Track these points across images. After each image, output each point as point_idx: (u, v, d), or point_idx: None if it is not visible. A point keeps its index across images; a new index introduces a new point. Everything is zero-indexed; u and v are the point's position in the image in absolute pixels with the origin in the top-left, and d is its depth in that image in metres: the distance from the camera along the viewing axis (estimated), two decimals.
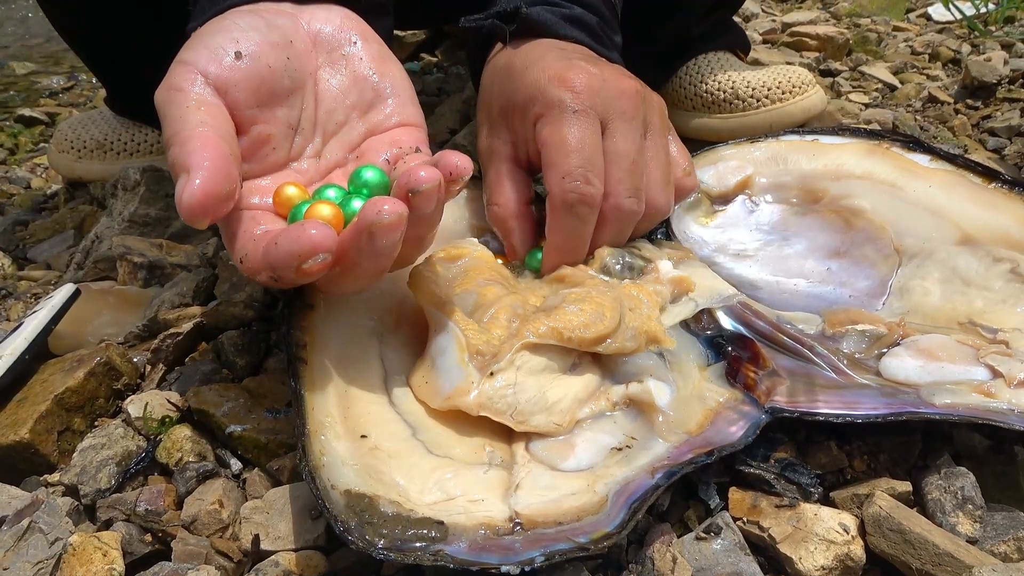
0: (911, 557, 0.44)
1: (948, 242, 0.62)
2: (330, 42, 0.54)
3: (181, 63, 0.48)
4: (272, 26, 0.51)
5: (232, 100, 0.48)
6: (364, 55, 0.54)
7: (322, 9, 0.54)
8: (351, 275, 0.45)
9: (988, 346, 0.54)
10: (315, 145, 0.53)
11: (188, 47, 0.49)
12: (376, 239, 0.41)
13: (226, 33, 0.49)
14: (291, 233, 0.41)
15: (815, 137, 0.71)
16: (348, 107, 0.54)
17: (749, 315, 0.57)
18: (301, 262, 0.41)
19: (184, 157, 0.43)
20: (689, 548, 0.45)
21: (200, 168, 0.42)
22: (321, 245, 0.41)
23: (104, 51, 0.99)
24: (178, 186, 0.42)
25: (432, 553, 0.39)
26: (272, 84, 0.50)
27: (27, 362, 0.59)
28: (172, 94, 0.46)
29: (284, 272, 0.42)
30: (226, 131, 0.46)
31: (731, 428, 0.49)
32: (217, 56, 0.48)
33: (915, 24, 1.65)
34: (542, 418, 0.49)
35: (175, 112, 0.45)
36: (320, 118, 0.53)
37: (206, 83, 0.47)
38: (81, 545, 0.45)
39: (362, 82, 0.54)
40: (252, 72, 0.49)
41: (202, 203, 0.42)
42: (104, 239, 0.82)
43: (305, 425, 0.45)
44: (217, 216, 0.44)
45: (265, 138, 0.50)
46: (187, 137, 0.44)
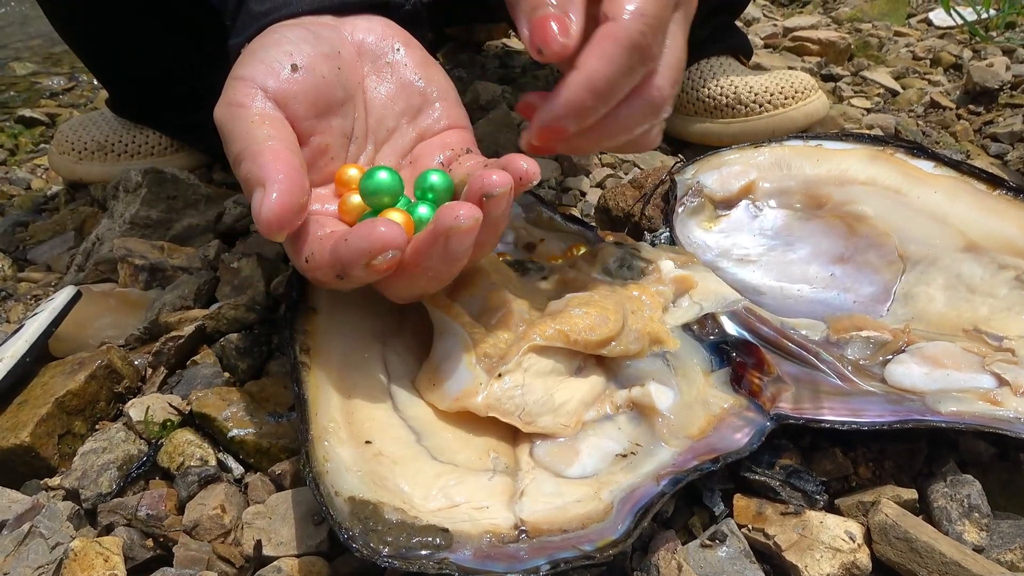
0: (917, 565, 0.44)
1: (952, 249, 0.62)
2: (374, 51, 0.54)
3: (238, 79, 0.48)
4: (320, 37, 0.51)
5: (292, 112, 0.48)
6: (408, 61, 0.55)
7: (363, 19, 0.55)
8: (422, 278, 0.45)
9: (994, 353, 0.53)
10: (368, 153, 0.54)
11: (242, 63, 0.49)
12: (452, 243, 0.42)
13: (279, 47, 0.50)
14: (362, 230, 0.42)
15: (819, 142, 0.71)
16: (397, 114, 0.54)
17: (753, 321, 0.57)
18: (371, 258, 0.42)
19: (258, 171, 0.43)
20: (694, 555, 0.45)
21: (275, 181, 0.42)
22: (392, 242, 0.42)
23: (105, 53, 0.99)
24: (255, 201, 0.43)
25: (437, 561, 0.39)
26: (327, 95, 0.50)
27: (27, 365, 0.59)
28: (234, 110, 0.46)
29: (353, 269, 0.42)
30: (293, 143, 0.46)
31: (736, 435, 0.49)
32: (274, 70, 0.48)
33: (916, 29, 1.65)
34: (549, 419, 0.49)
35: (240, 128, 0.46)
36: (371, 126, 0.54)
37: (266, 97, 0.47)
38: (82, 550, 0.45)
39: (408, 88, 0.54)
40: (309, 84, 0.49)
41: (280, 216, 0.42)
42: (105, 241, 0.82)
43: (308, 430, 0.45)
44: (293, 228, 0.44)
45: (324, 148, 0.51)
46: (257, 151, 0.44)
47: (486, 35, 1.50)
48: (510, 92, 1.20)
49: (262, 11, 0.53)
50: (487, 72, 1.37)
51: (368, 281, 0.45)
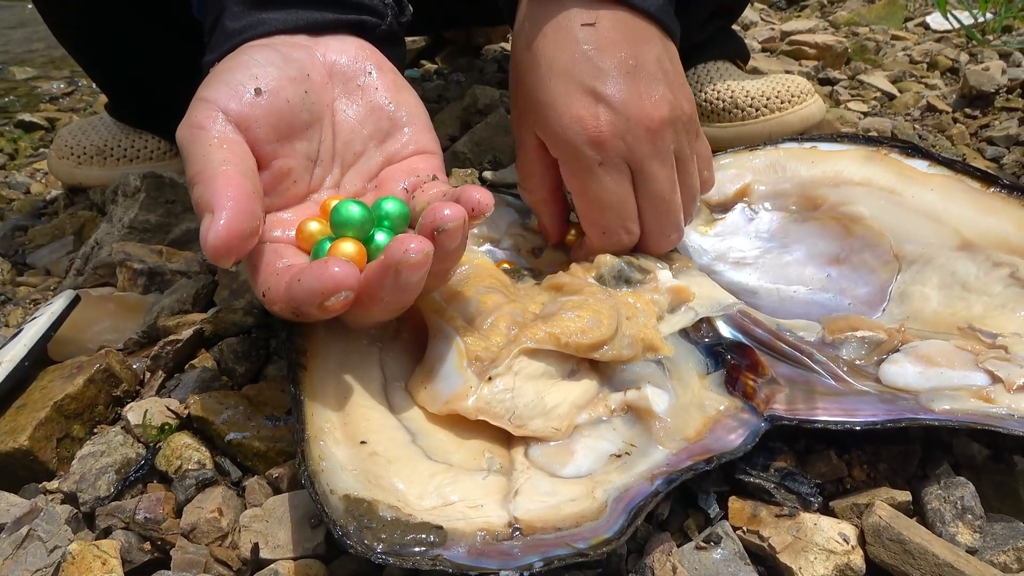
0: (911, 567, 0.44)
1: (947, 247, 0.62)
2: (345, 73, 0.54)
3: (202, 100, 0.48)
4: (289, 60, 0.51)
5: (253, 136, 0.48)
6: (379, 84, 0.55)
7: (336, 40, 0.55)
8: (375, 308, 0.45)
9: (987, 351, 0.54)
10: (334, 176, 0.53)
11: (207, 84, 0.49)
12: (402, 276, 0.42)
13: (245, 69, 0.50)
14: (314, 271, 0.42)
15: (814, 144, 0.72)
16: (365, 137, 0.54)
17: (748, 323, 0.57)
18: (324, 299, 0.41)
19: (208, 196, 0.43)
20: (689, 557, 0.45)
21: (224, 208, 0.43)
22: (344, 283, 0.41)
23: (104, 59, 1.00)
24: (203, 226, 0.43)
25: (431, 558, 0.39)
26: (291, 118, 0.50)
27: (26, 369, 0.59)
28: (194, 132, 0.47)
29: (307, 308, 0.42)
30: (249, 168, 0.46)
31: (730, 436, 0.49)
32: (237, 93, 0.48)
33: (913, 33, 1.65)
34: (540, 422, 0.49)
35: (198, 150, 0.46)
36: (338, 149, 0.53)
37: (227, 120, 0.47)
38: (80, 553, 0.45)
39: (378, 112, 0.54)
40: (272, 108, 0.49)
41: (227, 242, 0.42)
42: (104, 245, 0.82)
43: (304, 430, 0.45)
44: (241, 254, 0.44)
45: (286, 172, 0.50)
46: (211, 176, 0.44)
47: (484, 39, 1.51)
48: (508, 96, 1.20)
49: (236, 29, 0.53)
50: (485, 76, 1.37)
51: (323, 319, 0.45)
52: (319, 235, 0.48)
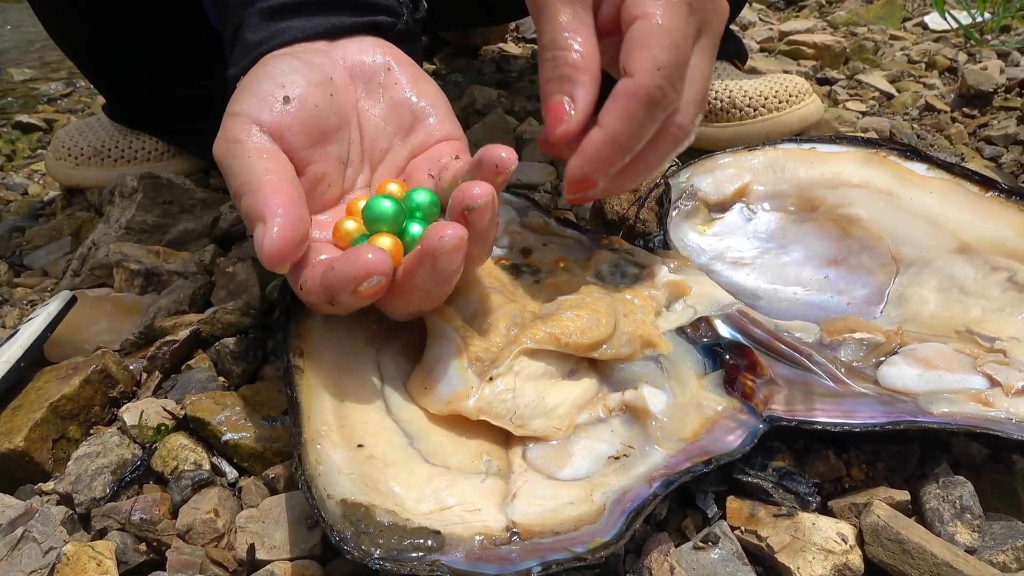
0: (909, 567, 0.44)
1: (945, 250, 0.62)
2: (366, 73, 0.55)
3: (233, 115, 0.49)
4: (311, 66, 0.52)
5: (288, 144, 0.49)
6: (400, 80, 0.55)
7: (354, 42, 0.55)
8: (416, 298, 0.46)
9: (986, 355, 0.54)
10: (364, 175, 0.54)
11: (236, 99, 0.50)
12: (440, 263, 0.43)
13: (271, 79, 0.50)
14: (347, 258, 0.43)
15: (812, 145, 0.72)
16: (390, 133, 0.55)
17: (747, 323, 0.57)
18: (357, 284, 0.42)
19: (258, 205, 0.44)
20: (687, 557, 0.45)
21: (275, 215, 0.43)
22: (377, 268, 0.42)
23: (101, 60, 0.99)
24: (256, 235, 0.44)
25: (429, 563, 0.39)
26: (321, 123, 0.51)
27: (22, 369, 0.59)
28: (232, 146, 0.47)
29: (341, 295, 0.43)
30: (291, 175, 0.47)
31: (729, 437, 0.49)
32: (268, 103, 0.49)
33: (911, 33, 1.65)
34: (541, 422, 0.49)
35: (239, 163, 0.46)
36: (366, 148, 0.54)
37: (262, 131, 0.48)
38: (75, 554, 0.45)
39: (400, 106, 0.55)
40: (302, 114, 0.50)
41: (281, 249, 0.43)
42: (101, 246, 0.82)
43: (301, 434, 0.45)
44: (296, 259, 0.45)
45: (321, 176, 0.51)
46: (257, 186, 0.45)
47: (482, 40, 1.51)
48: (506, 97, 1.21)
49: (256, 40, 0.54)
50: (483, 76, 1.37)
51: (359, 306, 0.46)
52: (355, 233, 0.49)
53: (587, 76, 0.50)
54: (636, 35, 0.49)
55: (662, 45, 0.48)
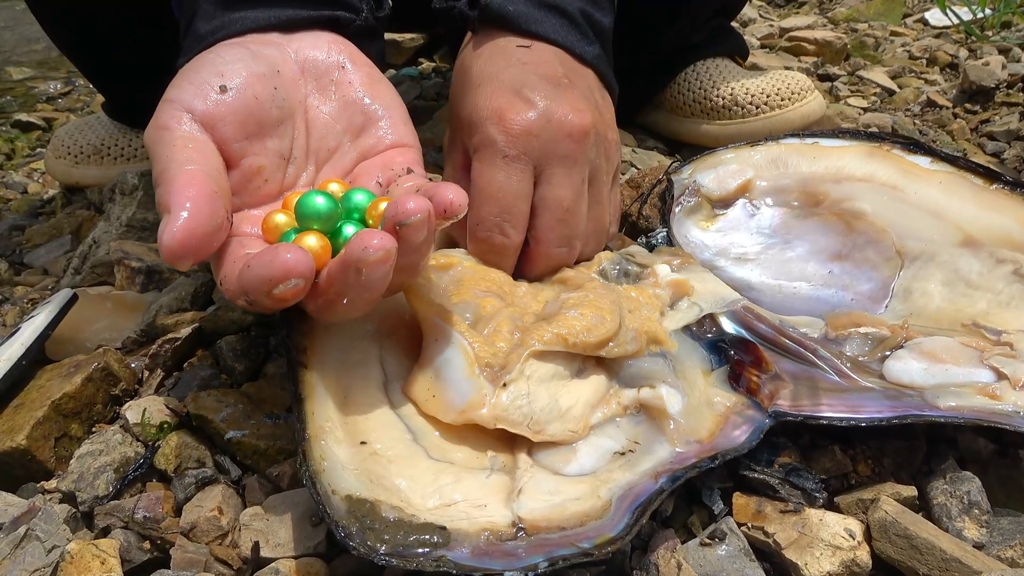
0: (918, 562, 0.44)
1: (950, 244, 0.62)
2: (319, 68, 0.53)
3: (167, 101, 0.47)
4: (258, 57, 0.50)
5: (220, 135, 0.47)
6: (354, 79, 0.54)
7: (310, 36, 0.54)
8: (341, 305, 0.44)
9: (992, 348, 0.53)
10: (308, 173, 0.52)
11: (173, 84, 0.48)
12: (363, 274, 0.41)
13: (210, 67, 0.49)
14: (264, 256, 0.40)
15: (815, 140, 0.71)
16: (339, 132, 0.53)
17: (751, 319, 0.57)
18: (272, 286, 0.40)
19: (167, 197, 0.42)
20: (693, 554, 0.45)
21: (181, 207, 0.41)
22: (294, 270, 0.40)
23: (100, 60, 0.99)
24: (160, 227, 0.41)
25: (434, 559, 0.39)
26: (260, 115, 0.49)
27: (24, 368, 0.59)
28: (160, 133, 0.46)
29: (257, 296, 0.41)
30: (213, 167, 0.45)
31: (735, 432, 0.49)
32: (202, 91, 0.47)
33: (912, 29, 1.65)
34: (558, 426, 0.48)
35: (163, 151, 0.45)
36: (312, 146, 0.53)
37: (192, 120, 0.46)
38: (79, 553, 0.45)
39: (352, 106, 0.53)
40: (239, 105, 0.48)
41: (182, 243, 0.41)
42: (101, 244, 0.81)
43: (305, 430, 0.45)
44: (201, 256, 0.43)
45: (256, 170, 0.49)
46: (172, 176, 0.43)
47: None
48: None
49: (208, 30, 0.53)
50: None
51: (276, 308, 0.44)
52: (285, 227, 0.47)
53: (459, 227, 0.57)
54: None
55: (478, 202, 0.55)
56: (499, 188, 0.54)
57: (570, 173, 0.56)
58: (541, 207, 0.56)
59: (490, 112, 0.55)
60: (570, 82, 0.58)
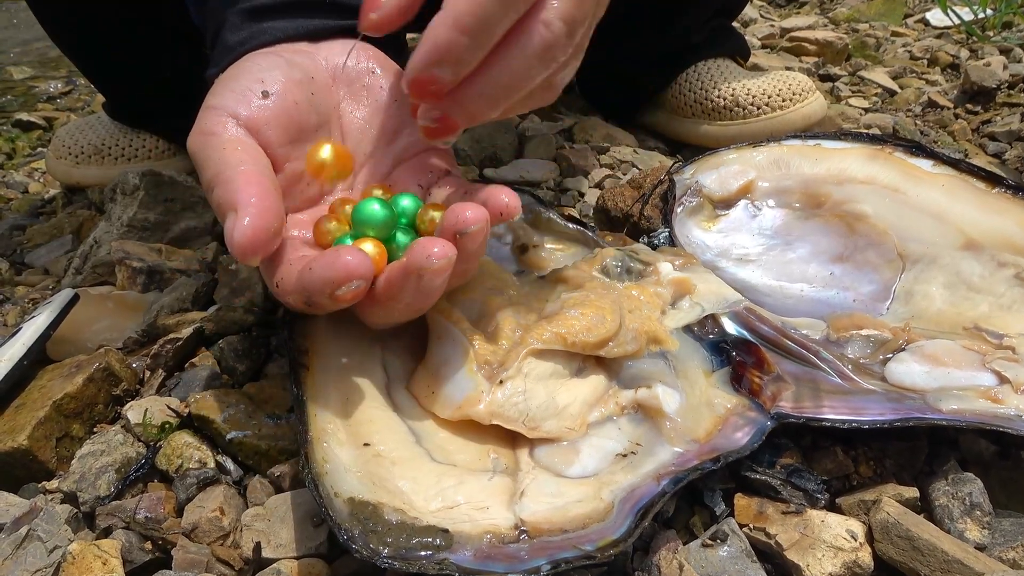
0: (920, 564, 0.44)
1: (952, 247, 0.62)
2: (349, 75, 0.54)
3: (210, 108, 0.48)
4: (292, 64, 0.51)
5: (265, 139, 0.48)
6: (384, 84, 0.54)
7: (338, 44, 0.55)
8: (396, 310, 0.45)
9: (994, 351, 0.53)
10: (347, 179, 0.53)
11: (214, 92, 0.49)
12: (424, 280, 0.42)
13: (250, 74, 0.49)
14: (327, 258, 0.41)
15: (817, 142, 0.71)
16: (374, 137, 0.54)
17: (753, 320, 0.57)
18: (335, 288, 0.41)
19: (230, 196, 0.43)
20: (695, 555, 0.45)
21: (248, 205, 0.42)
22: (356, 271, 0.41)
23: (100, 60, 0.99)
24: (227, 226, 0.42)
25: (437, 562, 0.39)
26: (300, 120, 0.50)
27: (25, 368, 0.59)
28: (206, 139, 0.46)
29: (318, 297, 0.42)
30: (266, 168, 0.46)
31: (736, 434, 0.49)
32: (245, 97, 0.48)
33: (913, 29, 1.65)
34: (554, 423, 0.48)
35: (213, 155, 0.45)
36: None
37: (238, 124, 0.47)
38: (80, 553, 0.45)
39: (385, 111, 0.54)
40: (280, 110, 0.49)
41: (253, 240, 0.42)
42: (103, 244, 0.81)
43: (307, 432, 0.45)
44: (268, 252, 0.44)
45: (299, 174, 0.50)
46: (229, 177, 0.44)
47: None
48: None
49: (238, 41, 0.53)
50: None
51: (335, 309, 0.44)
52: (337, 232, 0.48)
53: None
54: None
55: None
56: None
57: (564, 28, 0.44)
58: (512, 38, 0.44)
59: None
60: None
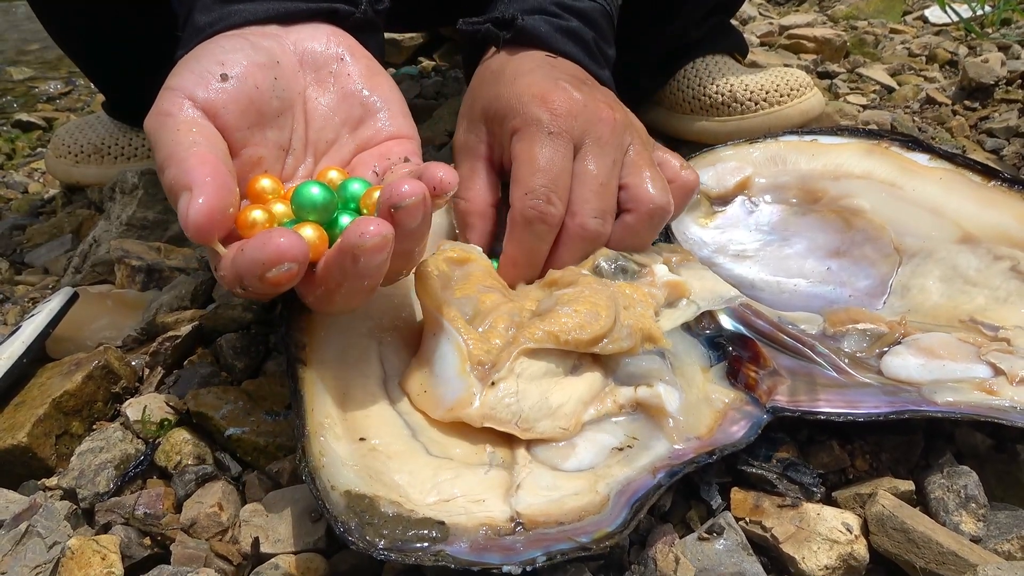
0: (915, 556, 0.44)
1: (948, 240, 0.62)
2: (317, 60, 0.54)
3: (168, 89, 0.47)
4: (258, 47, 0.51)
5: (222, 122, 0.47)
6: (352, 71, 0.54)
7: (308, 28, 0.54)
8: (339, 294, 0.44)
9: (989, 344, 0.53)
10: (307, 165, 0.53)
11: (175, 73, 0.49)
12: (360, 261, 0.41)
13: (211, 56, 0.49)
14: (257, 240, 0.40)
15: (814, 137, 0.71)
16: (338, 124, 0.53)
17: (749, 315, 0.57)
18: (265, 270, 0.40)
19: (183, 176, 0.42)
20: (691, 548, 0.45)
21: (203, 184, 0.41)
22: (287, 253, 0.39)
23: (101, 60, 0.99)
24: (181, 205, 0.41)
25: (433, 553, 0.39)
26: (260, 105, 0.49)
27: (25, 366, 0.59)
28: (161, 119, 0.46)
29: (250, 280, 0.41)
30: (221, 150, 0.46)
31: (732, 428, 0.49)
32: (204, 79, 0.47)
33: (911, 26, 1.65)
34: (547, 424, 0.48)
35: (167, 136, 0.45)
36: (311, 138, 0.53)
37: (194, 106, 0.46)
38: (79, 549, 0.45)
39: (351, 98, 0.54)
40: (240, 93, 0.48)
41: (209, 218, 0.41)
42: (102, 243, 0.82)
43: (304, 426, 0.45)
44: (224, 232, 0.43)
45: (257, 160, 0.49)
46: (183, 157, 0.43)
47: None
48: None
49: (207, 23, 0.53)
50: None
51: (270, 293, 0.44)
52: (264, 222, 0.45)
53: (475, 217, 0.59)
54: (512, 176, 0.56)
55: (527, 174, 0.55)
56: (548, 160, 0.55)
57: (603, 150, 0.57)
58: (577, 182, 0.56)
59: (533, 95, 0.57)
60: (591, 85, 0.61)
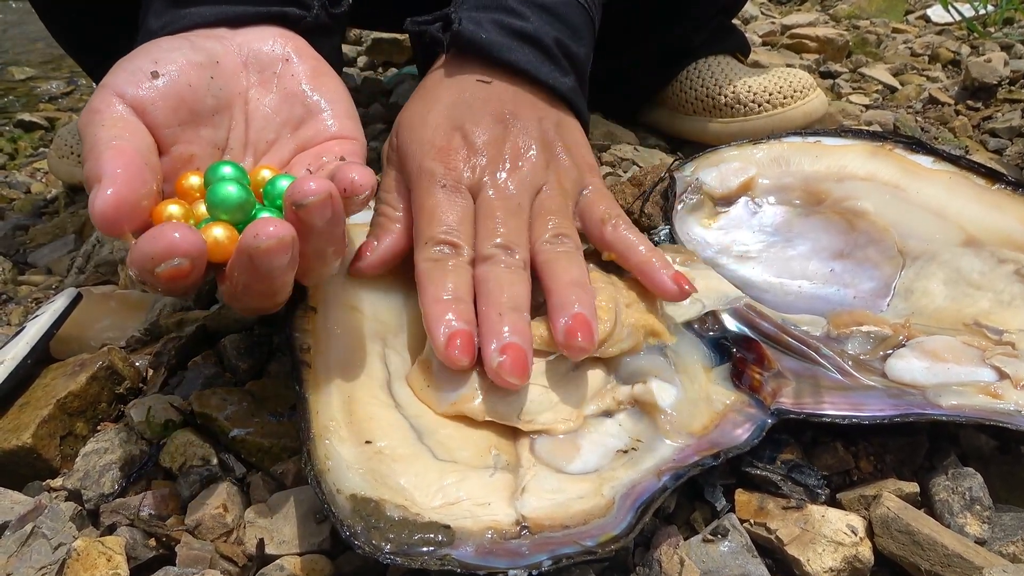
0: (920, 558, 0.44)
1: (952, 243, 0.62)
2: (262, 61, 0.54)
3: (100, 87, 0.48)
4: (197, 47, 0.51)
5: (151, 120, 0.47)
6: (298, 72, 0.54)
7: (256, 30, 0.54)
8: (248, 295, 0.43)
9: (994, 347, 0.53)
10: (247, 164, 0.52)
11: (110, 72, 0.49)
12: (257, 262, 0.40)
13: (146, 55, 0.49)
14: (151, 233, 0.40)
15: (818, 139, 0.71)
16: (279, 125, 0.53)
17: (754, 316, 0.57)
18: (155, 264, 0.39)
19: (96, 168, 0.42)
20: (696, 550, 0.45)
21: (112, 176, 0.41)
22: (178, 248, 0.39)
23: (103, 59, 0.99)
24: (91, 197, 0.41)
25: (439, 557, 0.39)
26: (193, 103, 0.49)
27: (29, 367, 0.59)
28: (91, 116, 0.46)
29: (144, 274, 0.40)
30: (143, 144, 0.45)
31: (737, 430, 0.49)
32: (135, 77, 0.48)
33: (914, 26, 1.65)
34: (550, 415, 0.48)
35: (91, 132, 0.45)
36: (251, 137, 0.53)
37: (123, 103, 0.47)
38: (85, 550, 0.45)
39: (293, 98, 0.54)
40: (170, 91, 0.48)
41: (116, 209, 0.40)
42: (105, 243, 0.82)
43: (309, 429, 0.45)
44: (133, 225, 0.42)
45: (188, 157, 0.49)
46: (100, 151, 0.43)
47: None
48: None
49: (158, 26, 0.53)
50: None
51: (167, 289, 0.42)
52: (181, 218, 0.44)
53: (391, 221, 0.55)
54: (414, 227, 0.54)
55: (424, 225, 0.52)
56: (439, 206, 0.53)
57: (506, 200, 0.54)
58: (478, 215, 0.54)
59: (432, 146, 0.55)
60: (514, 117, 0.57)
